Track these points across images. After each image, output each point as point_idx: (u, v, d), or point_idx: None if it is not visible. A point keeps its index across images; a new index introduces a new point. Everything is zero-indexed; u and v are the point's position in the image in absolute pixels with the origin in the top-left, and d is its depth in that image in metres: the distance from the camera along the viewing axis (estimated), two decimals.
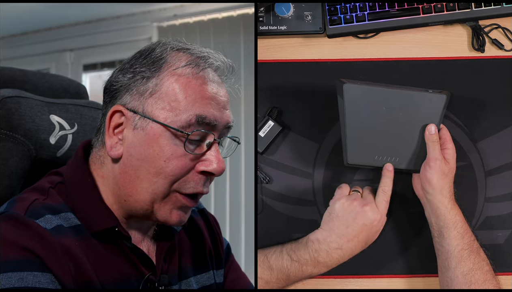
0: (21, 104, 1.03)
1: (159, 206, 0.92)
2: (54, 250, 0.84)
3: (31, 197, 0.90)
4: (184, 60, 0.92)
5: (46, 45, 3.75)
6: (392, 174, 1.20)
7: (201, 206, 1.15)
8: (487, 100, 1.30)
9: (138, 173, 0.91)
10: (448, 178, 1.17)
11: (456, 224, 1.16)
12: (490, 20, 1.32)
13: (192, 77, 0.91)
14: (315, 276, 1.19)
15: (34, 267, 0.81)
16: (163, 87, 0.91)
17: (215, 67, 0.95)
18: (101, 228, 0.91)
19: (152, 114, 0.90)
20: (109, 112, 0.92)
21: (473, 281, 1.15)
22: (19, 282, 0.79)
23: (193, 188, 0.92)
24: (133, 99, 0.92)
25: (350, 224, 1.15)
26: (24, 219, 0.85)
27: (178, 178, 0.91)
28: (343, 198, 1.18)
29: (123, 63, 0.96)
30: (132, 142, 0.91)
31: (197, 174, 0.92)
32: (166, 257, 1.00)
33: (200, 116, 0.90)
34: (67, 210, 0.91)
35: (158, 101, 0.90)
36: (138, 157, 0.91)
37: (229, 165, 2.92)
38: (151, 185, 0.91)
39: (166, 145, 0.90)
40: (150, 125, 0.90)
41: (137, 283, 0.93)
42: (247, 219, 2.85)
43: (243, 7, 2.89)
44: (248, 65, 2.83)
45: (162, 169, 0.90)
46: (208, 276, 1.08)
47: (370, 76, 1.32)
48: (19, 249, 0.81)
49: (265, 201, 1.29)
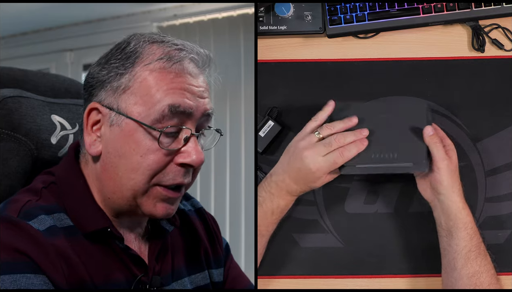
0: (22, 104, 1.03)
1: (141, 201, 0.92)
2: (47, 251, 0.84)
3: (24, 198, 0.90)
4: (158, 54, 0.92)
5: (46, 45, 3.74)
6: (363, 147, 1.13)
7: (198, 206, 1.15)
8: (487, 100, 1.30)
9: (116, 170, 0.91)
10: (456, 175, 1.15)
11: (466, 224, 1.14)
12: (490, 20, 1.32)
13: (164, 71, 0.91)
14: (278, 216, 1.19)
15: (27, 269, 0.81)
16: (136, 82, 0.90)
17: (189, 59, 0.93)
18: (93, 228, 0.91)
19: (126, 110, 0.90)
20: (86, 110, 0.93)
21: (478, 284, 1.13)
22: (12, 285, 0.79)
23: (172, 179, 0.91)
24: (108, 95, 0.91)
25: (289, 162, 1.15)
26: (16, 221, 0.85)
27: (157, 172, 0.90)
28: (299, 136, 1.17)
29: (100, 57, 0.95)
30: (109, 139, 0.91)
31: (175, 166, 0.91)
32: (159, 257, 1.00)
33: (173, 105, 0.89)
34: (59, 210, 0.91)
35: (131, 96, 0.90)
36: (115, 154, 0.91)
37: (229, 165, 2.92)
38: (129, 181, 0.90)
39: (141, 141, 0.89)
40: (124, 121, 0.90)
41: (129, 284, 0.93)
42: (247, 219, 2.85)
43: (243, 7, 2.89)
44: (248, 65, 2.83)
45: (139, 164, 0.89)
46: (202, 276, 1.08)
47: (370, 76, 1.32)
48: (11, 252, 0.81)
49: None
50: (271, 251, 1.28)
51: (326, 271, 1.29)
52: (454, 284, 1.15)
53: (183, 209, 1.10)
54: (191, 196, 1.16)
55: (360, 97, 1.31)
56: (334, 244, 1.29)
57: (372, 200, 1.30)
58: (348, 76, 1.33)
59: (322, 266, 1.29)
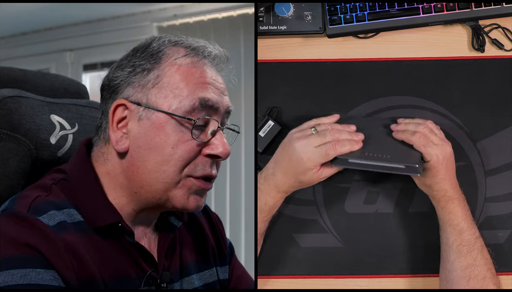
0: (21, 104, 1.03)
1: (174, 194, 0.93)
2: (56, 246, 0.84)
3: (34, 194, 0.91)
4: (183, 51, 0.95)
5: (46, 45, 3.74)
6: (357, 146, 1.13)
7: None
8: (487, 100, 1.30)
9: (146, 164, 0.92)
10: (445, 170, 1.15)
11: (451, 221, 1.17)
12: (490, 20, 1.32)
13: (192, 66, 0.94)
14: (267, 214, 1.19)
15: (37, 264, 0.81)
16: (165, 77, 0.93)
17: (213, 56, 0.98)
18: (104, 223, 0.91)
19: (156, 103, 0.92)
20: (112, 107, 0.94)
21: (472, 276, 1.15)
22: (22, 279, 0.80)
23: (202, 170, 0.93)
24: (135, 91, 0.93)
25: (282, 152, 1.16)
26: (26, 216, 0.86)
27: (188, 163, 0.92)
28: (294, 129, 1.17)
29: (120, 60, 0.97)
30: (138, 133, 0.92)
31: (204, 158, 0.93)
32: (168, 253, 1.00)
33: (203, 99, 0.93)
34: (69, 206, 0.91)
35: (161, 90, 0.92)
36: (145, 147, 0.92)
37: (229, 165, 2.92)
38: (161, 174, 0.92)
39: (172, 132, 0.91)
40: (155, 115, 0.92)
41: (139, 280, 0.93)
42: (247, 219, 2.85)
43: (243, 7, 2.89)
44: (248, 65, 2.83)
45: (170, 156, 0.91)
46: (210, 273, 1.09)
47: (370, 76, 1.32)
48: (21, 246, 0.82)
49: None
50: (271, 251, 1.28)
51: (326, 271, 1.29)
52: (448, 275, 1.18)
53: None
54: None
55: (360, 97, 1.32)
56: (334, 244, 1.29)
57: (372, 200, 1.30)
58: (348, 76, 1.33)
59: (322, 266, 1.29)
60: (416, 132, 1.15)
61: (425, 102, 1.31)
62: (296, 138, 1.13)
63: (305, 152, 1.12)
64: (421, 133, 1.15)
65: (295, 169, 1.13)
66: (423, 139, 1.14)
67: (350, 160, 1.13)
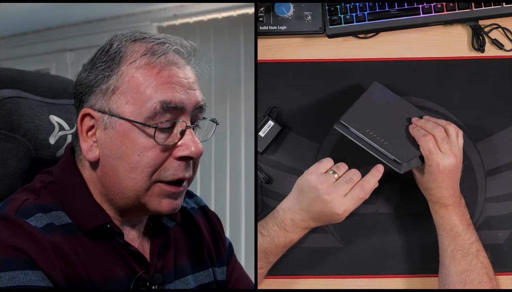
0: (20, 104, 1.03)
1: (146, 200, 0.92)
2: (44, 248, 0.84)
3: (22, 197, 0.91)
4: (141, 51, 0.91)
5: (46, 45, 3.74)
6: (380, 175, 1.12)
7: (202, 203, 1.15)
8: (487, 100, 1.30)
9: (116, 172, 0.91)
10: (442, 178, 1.14)
11: (444, 226, 1.17)
12: (490, 20, 1.32)
13: (150, 66, 0.90)
14: (289, 247, 1.17)
15: (25, 266, 0.81)
16: (124, 81, 0.90)
17: (173, 51, 0.93)
18: (93, 225, 0.91)
19: (118, 111, 0.90)
20: (79, 117, 0.93)
21: (468, 281, 1.15)
22: (11, 281, 0.80)
23: (173, 175, 0.91)
24: (98, 99, 0.91)
25: (311, 204, 1.11)
26: (13, 218, 0.86)
27: (156, 169, 0.90)
28: (313, 175, 1.11)
29: (85, 63, 0.96)
30: (105, 142, 0.91)
31: (175, 161, 0.91)
32: (161, 254, 0.99)
33: (164, 101, 0.89)
34: (57, 208, 0.91)
35: (121, 96, 0.90)
36: (113, 156, 0.91)
37: (229, 165, 2.92)
38: (130, 181, 0.90)
39: (137, 139, 0.89)
40: (118, 123, 0.90)
41: (129, 282, 0.93)
42: (247, 219, 2.85)
43: (243, 7, 2.89)
44: (248, 65, 2.83)
45: (137, 163, 0.89)
46: (206, 274, 1.08)
47: (370, 76, 1.32)
48: (9, 249, 0.82)
49: (265, 201, 1.30)
50: None
51: (326, 271, 1.29)
52: (445, 279, 1.18)
53: (185, 207, 1.10)
54: (194, 193, 1.16)
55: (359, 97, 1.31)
56: (334, 244, 1.29)
57: (372, 200, 1.30)
58: (348, 76, 1.33)
59: (322, 266, 1.29)
60: (428, 134, 1.13)
61: (425, 102, 1.31)
62: (325, 192, 1.09)
63: (339, 206, 1.09)
64: (434, 136, 1.13)
65: (329, 218, 1.12)
66: (432, 144, 1.12)
67: (351, 129, 1.16)
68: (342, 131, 1.16)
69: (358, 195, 1.10)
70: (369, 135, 1.14)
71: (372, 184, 1.11)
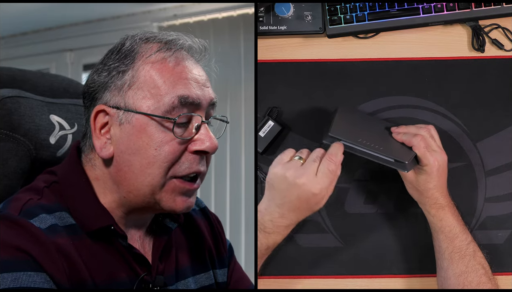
0: (21, 104, 1.03)
1: (160, 196, 0.92)
2: (48, 249, 0.84)
3: (26, 197, 0.90)
4: (155, 47, 0.92)
5: (46, 45, 3.74)
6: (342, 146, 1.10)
7: (202, 205, 1.15)
8: (487, 100, 1.30)
9: (132, 168, 0.91)
10: (437, 179, 1.15)
11: (443, 228, 1.17)
12: (490, 20, 1.32)
13: (166, 61, 0.91)
14: (272, 249, 1.14)
15: (28, 267, 0.81)
16: (140, 77, 0.91)
17: (187, 47, 0.94)
18: (97, 227, 0.91)
19: (135, 105, 0.90)
20: (92, 114, 0.92)
21: (466, 283, 1.15)
22: (14, 283, 0.79)
23: (189, 168, 0.91)
24: (113, 95, 0.92)
25: (285, 195, 1.07)
26: (17, 219, 0.85)
27: (173, 163, 0.91)
28: (278, 166, 1.08)
29: (96, 64, 0.96)
30: (120, 138, 0.91)
31: (190, 154, 0.91)
32: (162, 256, 0.99)
33: (182, 96, 0.90)
34: (61, 209, 0.91)
35: (138, 91, 0.90)
36: (129, 151, 0.90)
37: (229, 165, 2.92)
38: (146, 177, 0.90)
39: (154, 133, 0.90)
40: (135, 117, 0.90)
41: (131, 283, 0.92)
42: (247, 219, 2.85)
43: (243, 7, 2.89)
44: (248, 65, 2.83)
45: (154, 158, 0.89)
46: (207, 276, 1.08)
47: (370, 76, 1.32)
48: (12, 250, 0.81)
49: None
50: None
51: (326, 271, 1.29)
52: (444, 282, 1.18)
53: None
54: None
55: (360, 97, 1.32)
56: (334, 244, 1.29)
57: (372, 200, 1.30)
58: (348, 76, 1.33)
59: (322, 266, 1.29)
60: (418, 134, 1.15)
61: (425, 102, 1.31)
62: (294, 177, 1.06)
63: (313, 185, 1.05)
64: (423, 136, 1.15)
65: (308, 203, 1.07)
66: (424, 142, 1.14)
67: (343, 141, 1.13)
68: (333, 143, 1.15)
69: (328, 168, 1.06)
70: (362, 144, 1.14)
71: (339, 155, 1.09)
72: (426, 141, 1.14)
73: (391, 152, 1.15)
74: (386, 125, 1.23)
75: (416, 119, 1.29)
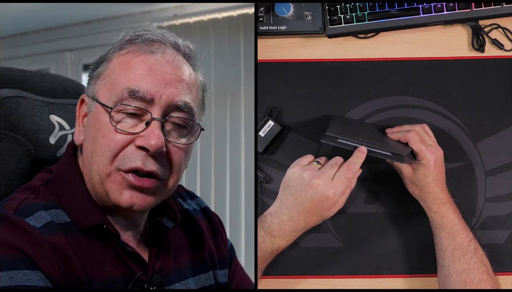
0: (20, 104, 1.03)
1: (108, 187, 0.90)
2: (42, 248, 0.84)
3: (21, 196, 0.91)
4: (126, 39, 0.94)
5: (46, 45, 3.74)
6: (363, 156, 1.12)
7: (203, 205, 1.15)
8: (487, 100, 1.30)
9: (87, 156, 0.92)
10: (435, 175, 1.16)
11: (444, 225, 1.17)
12: (490, 20, 1.32)
13: (134, 55, 0.92)
14: (276, 253, 1.15)
15: (24, 266, 0.81)
16: (109, 67, 0.93)
17: (165, 46, 0.94)
18: (89, 224, 0.91)
19: (97, 95, 0.92)
20: (78, 103, 0.96)
21: (468, 281, 1.15)
22: (9, 281, 0.79)
23: (132, 162, 0.89)
24: (90, 85, 0.95)
25: (298, 196, 1.08)
26: (12, 218, 0.86)
27: (115, 154, 0.89)
28: (296, 167, 1.11)
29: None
30: (87, 126, 0.93)
31: (135, 149, 0.90)
32: (160, 255, 0.99)
33: (132, 90, 0.89)
34: (57, 207, 0.91)
35: (102, 81, 0.93)
36: (88, 139, 0.92)
37: (229, 165, 2.92)
38: (93, 165, 0.91)
39: (104, 122, 0.90)
40: (95, 106, 0.92)
41: (126, 282, 0.92)
42: (247, 219, 2.85)
43: (243, 7, 2.89)
44: (248, 65, 2.83)
45: (100, 145, 0.90)
46: (207, 276, 1.07)
47: (370, 76, 1.32)
48: (8, 248, 0.82)
49: (265, 201, 1.29)
50: None
51: (326, 271, 1.29)
52: (445, 280, 1.18)
53: (187, 208, 1.10)
54: (196, 195, 1.16)
55: (360, 97, 1.32)
56: (334, 244, 1.29)
57: (372, 200, 1.30)
58: (348, 76, 1.33)
59: (322, 266, 1.29)
60: (412, 130, 1.17)
61: (425, 102, 1.31)
62: (311, 178, 1.07)
63: (328, 188, 1.07)
64: (417, 131, 1.17)
65: (319, 207, 1.08)
66: (419, 137, 1.15)
67: (340, 140, 1.15)
68: (331, 142, 1.16)
69: (345, 175, 1.08)
70: (359, 141, 1.15)
71: (357, 164, 1.11)
72: (420, 135, 1.16)
73: (388, 147, 1.16)
74: (380, 127, 1.25)
75: (416, 119, 1.29)
